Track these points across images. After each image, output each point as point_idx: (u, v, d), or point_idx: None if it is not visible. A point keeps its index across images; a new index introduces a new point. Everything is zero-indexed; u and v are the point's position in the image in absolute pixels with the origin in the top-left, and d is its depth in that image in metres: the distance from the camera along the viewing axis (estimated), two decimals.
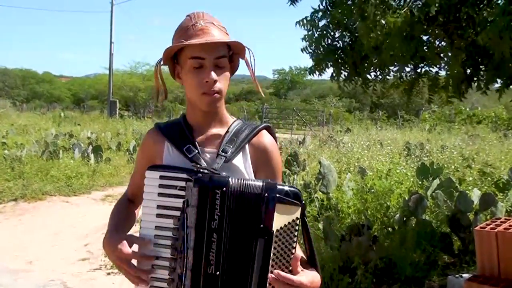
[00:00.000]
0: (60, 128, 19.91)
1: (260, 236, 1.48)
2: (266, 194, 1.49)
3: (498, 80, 4.52)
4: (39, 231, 7.04)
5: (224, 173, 1.55)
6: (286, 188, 1.52)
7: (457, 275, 4.45)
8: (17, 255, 5.96)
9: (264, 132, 1.77)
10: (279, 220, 1.49)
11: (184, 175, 1.52)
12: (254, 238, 1.49)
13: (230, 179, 1.48)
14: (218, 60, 1.62)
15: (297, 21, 5.02)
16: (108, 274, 5.49)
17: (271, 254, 1.49)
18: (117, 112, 31.41)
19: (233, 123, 1.76)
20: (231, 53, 1.69)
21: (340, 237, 5.22)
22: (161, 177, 1.54)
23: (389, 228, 5.76)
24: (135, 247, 1.55)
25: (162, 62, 1.70)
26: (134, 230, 1.68)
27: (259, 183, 1.51)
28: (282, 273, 1.48)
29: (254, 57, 1.75)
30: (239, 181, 1.50)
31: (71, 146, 13.15)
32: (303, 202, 1.55)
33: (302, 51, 5.10)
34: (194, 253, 1.45)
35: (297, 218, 1.53)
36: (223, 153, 1.65)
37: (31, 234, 6.87)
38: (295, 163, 9.19)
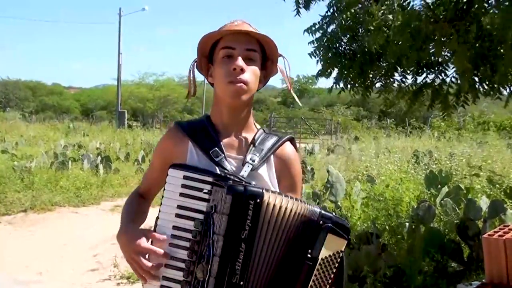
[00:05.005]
0: (69, 139, 19.99)
1: (306, 260, 1.49)
2: (321, 222, 1.51)
3: (505, 89, 4.53)
4: (48, 242, 7.08)
5: (253, 183, 1.53)
6: (340, 220, 1.54)
7: (466, 283, 4.42)
8: (27, 266, 5.99)
9: (288, 143, 1.77)
10: (326, 250, 1.51)
11: (210, 179, 1.49)
12: (298, 260, 1.49)
13: (265, 192, 1.46)
14: (249, 53, 1.63)
15: (305, 29, 5.06)
16: (118, 284, 5.50)
17: (310, 281, 1.50)
18: (126, 123, 31.53)
19: (258, 131, 1.74)
20: (264, 60, 1.70)
21: (349, 246, 5.21)
22: (185, 177, 1.51)
23: (398, 236, 5.74)
24: (149, 243, 1.52)
25: (196, 62, 1.72)
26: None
27: (316, 209, 1.52)
28: None
29: (289, 65, 1.75)
30: (288, 198, 1.50)
31: (80, 157, 13.20)
32: (349, 237, 1.58)
33: (311, 56, 5.12)
34: (220, 260, 1.42)
35: (341, 251, 1.56)
36: (250, 161, 1.63)
37: (40, 245, 6.90)
38: (303, 171, 9.19)
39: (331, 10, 5.04)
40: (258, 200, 1.44)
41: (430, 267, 5.03)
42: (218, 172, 1.57)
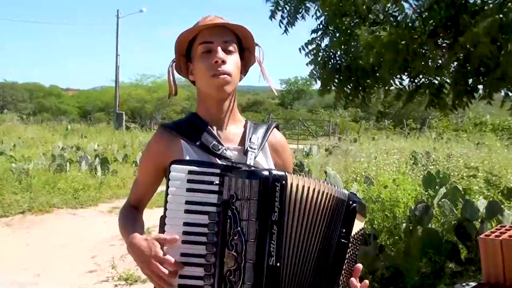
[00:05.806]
0: (67, 140, 19.95)
1: (341, 238, 1.54)
2: (351, 202, 1.57)
3: (503, 90, 4.53)
4: (46, 243, 7.07)
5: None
6: (361, 200, 1.62)
7: (464, 284, 4.43)
8: (25, 268, 5.98)
9: (276, 130, 1.82)
10: (354, 228, 1.58)
11: (218, 171, 1.49)
12: (332, 239, 1.54)
13: (287, 174, 1.48)
14: (226, 44, 1.64)
15: (299, 47, 5.10)
16: (116, 286, 5.50)
17: (345, 258, 1.56)
18: (124, 124, 31.48)
19: (246, 122, 1.77)
20: (241, 51, 1.72)
21: None
22: (191, 172, 1.49)
23: (396, 237, 5.75)
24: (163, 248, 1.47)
25: (174, 61, 1.73)
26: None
27: (345, 191, 1.58)
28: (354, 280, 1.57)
29: (263, 54, 1.77)
30: (310, 179, 1.53)
31: (78, 158, 13.17)
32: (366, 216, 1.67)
33: (310, 76, 5.21)
34: (257, 245, 1.42)
35: (362, 228, 1.65)
36: (251, 150, 1.66)
37: (38, 247, 6.90)
38: (300, 173, 9.19)
39: (322, 25, 5.07)
40: (284, 182, 1.46)
41: (428, 268, 5.04)
42: (220, 163, 1.58)
